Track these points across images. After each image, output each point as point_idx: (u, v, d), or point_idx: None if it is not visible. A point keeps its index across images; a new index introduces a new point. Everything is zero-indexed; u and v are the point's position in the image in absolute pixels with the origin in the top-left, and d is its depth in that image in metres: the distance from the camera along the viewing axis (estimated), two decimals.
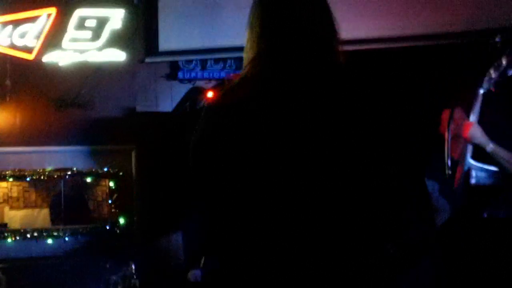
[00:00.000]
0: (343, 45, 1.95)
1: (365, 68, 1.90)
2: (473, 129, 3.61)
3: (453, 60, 4.24)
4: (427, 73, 4.37)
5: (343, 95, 1.82)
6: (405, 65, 4.48)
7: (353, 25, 4.52)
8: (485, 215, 3.55)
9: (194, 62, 6.21)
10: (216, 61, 6.18)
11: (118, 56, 5.87)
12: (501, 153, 3.63)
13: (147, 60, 6.05)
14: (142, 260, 5.54)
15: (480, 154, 3.66)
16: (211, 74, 6.20)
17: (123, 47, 5.88)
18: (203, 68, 6.19)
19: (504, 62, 3.61)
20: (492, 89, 3.64)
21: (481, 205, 3.58)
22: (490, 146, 3.62)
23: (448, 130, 3.48)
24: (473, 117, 3.68)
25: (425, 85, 4.34)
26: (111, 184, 6.05)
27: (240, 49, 2.01)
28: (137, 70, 6.12)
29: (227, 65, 6.17)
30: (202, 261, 4.73)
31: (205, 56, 6.01)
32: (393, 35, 4.50)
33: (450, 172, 3.37)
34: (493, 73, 3.63)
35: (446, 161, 3.38)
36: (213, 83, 6.20)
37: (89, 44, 5.82)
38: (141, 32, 6.03)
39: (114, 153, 6.10)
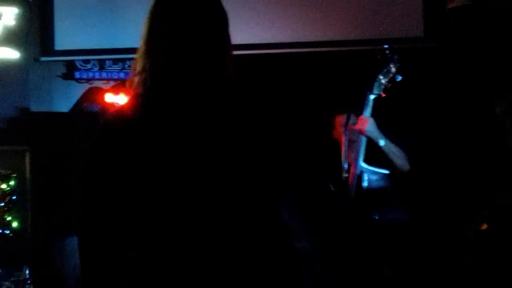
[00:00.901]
0: (238, 49, 1.98)
1: (254, 77, 1.94)
2: (369, 123, 3.76)
3: (344, 67, 4.38)
4: (320, 79, 4.48)
5: (222, 110, 1.86)
6: (300, 71, 4.58)
7: (248, 30, 4.59)
8: (376, 217, 3.69)
9: (91, 62, 6.08)
10: (115, 61, 6.08)
11: (11, 54, 5.67)
12: (393, 148, 3.81)
13: (42, 59, 5.87)
14: (36, 265, 5.38)
15: (372, 158, 3.80)
16: (109, 75, 6.08)
17: (17, 45, 5.68)
18: (101, 68, 6.07)
19: (393, 68, 3.77)
20: (382, 94, 3.79)
21: (373, 207, 3.72)
22: (383, 141, 3.78)
23: (345, 134, 3.59)
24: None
25: (318, 91, 4.45)
26: (4, 186, 5.84)
27: None
28: (31, 69, 5.93)
29: (126, 66, 6.06)
30: None
31: (103, 56, 5.90)
32: (287, 41, 4.58)
33: (346, 175, 3.48)
34: (382, 79, 3.78)
35: (342, 165, 3.48)
36: (111, 83, 6.09)
37: None
38: (36, 30, 5.85)
39: (6, 154, 5.89)
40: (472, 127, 3.34)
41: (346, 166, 3.52)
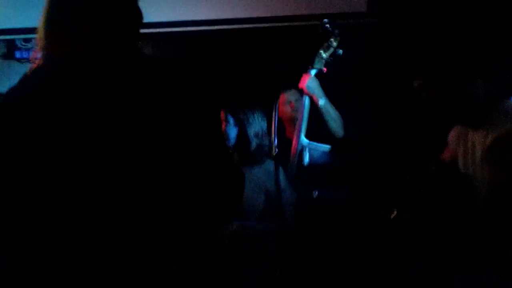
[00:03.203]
0: (176, 27, 1.91)
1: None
2: (310, 80, 3.74)
3: (285, 43, 4.32)
4: (260, 56, 4.42)
5: (123, 87, 1.75)
6: (239, 48, 4.50)
7: (186, 7, 4.49)
8: (316, 193, 3.65)
9: (32, 41, 5.89)
10: None
11: None
12: (331, 109, 3.80)
13: None
14: None
15: (314, 134, 3.77)
16: None
17: None
18: None
19: (334, 43, 3.74)
20: (323, 69, 3.76)
21: (313, 184, 3.69)
22: (323, 100, 3.77)
23: (275, 110, 3.54)
24: (306, 99, 3.80)
25: (259, 69, 4.39)
26: None
27: None
28: None
29: None
30: None
31: None
32: (226, 17, 4.49)
33: (277, 151, 3.44)
34: (323, 54, 3.74)
35: (272, 141, 3.44)
36: None
37: None
38: None
39: None
40: (408, 105, 3.33)
41: (276, 142, 3.47)
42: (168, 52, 4.48)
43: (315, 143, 3.74)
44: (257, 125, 3.69)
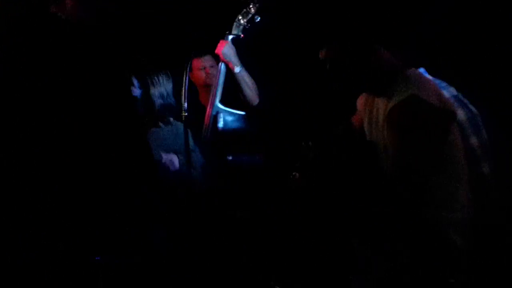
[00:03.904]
0: None
1: None
2: (227, 47, 3.71)
3: (202, 7, 4.26)
4: (177, 19, 4.34)
5: None
6: (159, 11, 4.40)
7: None
8: (230, 158, 3.65)
9: None
10: None
11: None
12: (246, 77, 3.79)
13: None
14: None
15: (228, 99, 3.75)
16: None
17: None
18: None
19: (252, 9, 3.71)
20: (241, 35, 3.73)
21: (227, 148, 3.68)
22: (238, 67, 3.75)
23: (186, 74, 3.50)
24: (222, 65, 3.77)
25: (177, 34, 4.32)
26: None
27: None
28: None
29: None
30: None
31: None
32: None
33: (187, 114, 3.41)
34: (241, 20, 3.72)
35: (182, 104, 3.41)
36: None
37: None
38: None
39: None
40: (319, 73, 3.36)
41: (186, 105, 3.44)
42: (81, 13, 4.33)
43: (229, 109, 3.73)
44: (161, 86, 3.68)
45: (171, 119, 3.72)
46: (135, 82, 3.65)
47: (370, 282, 2.59)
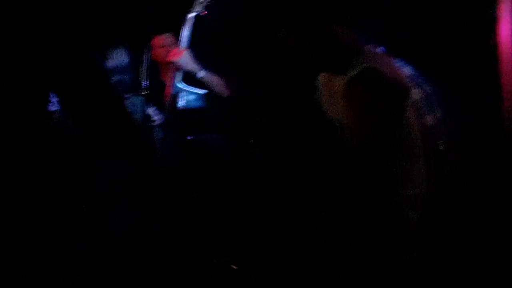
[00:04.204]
0: None
1: None
2: (183, 56, 3.66)
3: None
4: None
5: None
6: None
7: None
8: (190, 137, 3.64)
9: None
10: None
11: None
12: (211, 78, 3.74)
13: None
14: None
15: (190, 77, 3.73)
16: None
17: None
18: None
19: None
20: (203, 12, 3.69)
21: (188, 127, 3.67)
22: (200, 72, 3.70)
23: (145, 54, 3.45)
24: (184, 41, 3.72)
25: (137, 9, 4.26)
26: None
27: None
28: None
29: None
30: None
31: None
32: None
33: (147, 92, 3.37)
34: None
35: (141, 82, 3.37)
36: None
37: None
38: None
39: None
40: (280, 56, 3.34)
41: (146, 83, 3.40)
42: None
43: (191, 87, 3.71)
44: (116, 60, 3.64)
45: (129, 94, 3.66)
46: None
47: (325, 259, 2.61)
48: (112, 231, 3.44)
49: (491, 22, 3.47)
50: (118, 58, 3.66)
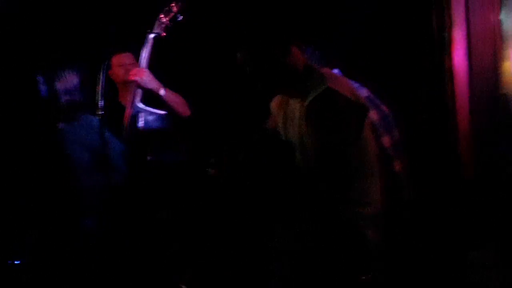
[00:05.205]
0: None
1: None
2: (145, 76, 3.65)
3: (123, 4, 4.21)
4: (96, 16, 4.28)
5: None
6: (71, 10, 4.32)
7: None
8: (150, 158, 3.62)
9: None
10: None
11: None
12: (171, 97, 3.74)
13: None
14: None
15: (149, 98, 3.72)
16: None
17: None
18: None
19: (174, 7, 3.69)
20: (163, 33, 3.70)
21: (148, 148, 3.65)
22: (161, 91, 3.70)
23: (102, 74, 3.40)
24: (143, 62, 3.72)
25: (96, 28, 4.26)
26: None
27: None
28: None
29: None
30: None
31: None
32: None
33: (102, 113, 3.32)
34: (163, 18, 3.69)
35: (97, 102, 3.33)
36: None
37: None
38: None
39: None
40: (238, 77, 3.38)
41: (102, 103, 3.36)
42: None
43: (150, 108, 3.70)
44: (67, 81, 3.62)
45: (82, 113, 3.64)
46: (40, 78, 3.58)
47: (286, 279, 2.61)
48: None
49: (446, 45, 3.58)
50: (69, 79, 3.63)
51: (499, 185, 3.47)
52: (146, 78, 3.64)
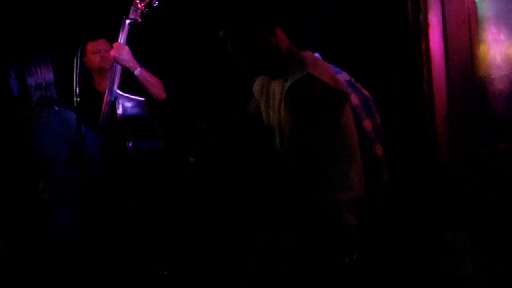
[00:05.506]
0: None
1: None
2: (124, 52, 3.65)
3: None
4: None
5: None
6: None
7: None
8: (130, 145, 3.61)
9: None
10: None
11: None
12: (148, 76, 3.74)
13: None
14: None
15: (127, 84, 3.70)
16: None
17: None
18: None
19: None
20: (138, 19, 3.67)
21: (127, 135, 3.63)
22: (138, 70, 3.70)
23: (76, 59, 3.35)
24: None
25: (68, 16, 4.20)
26: None
27: None
28: None
29: None
30: None
31: None
32: None
33: (78, 100, 3.28)
34: (139, 3, 3.66)
35: (74, 89, 3.29)
36: None
37: None
38: None
39: None
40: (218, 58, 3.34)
41: (78, 90, 3.32)
42: None
43: (128, 95, 3.68)
44: (39, 76, 3.57)
45: (56, 108, 3.60)
46: (11, 72, 3.53)
47: (266, 267, 2.62)
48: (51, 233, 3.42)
49: (422, 29, 3.61)
50: (41, 73, 3.58)
51: (474, 167, 3.52)
52: (125, 55, 3.64)
